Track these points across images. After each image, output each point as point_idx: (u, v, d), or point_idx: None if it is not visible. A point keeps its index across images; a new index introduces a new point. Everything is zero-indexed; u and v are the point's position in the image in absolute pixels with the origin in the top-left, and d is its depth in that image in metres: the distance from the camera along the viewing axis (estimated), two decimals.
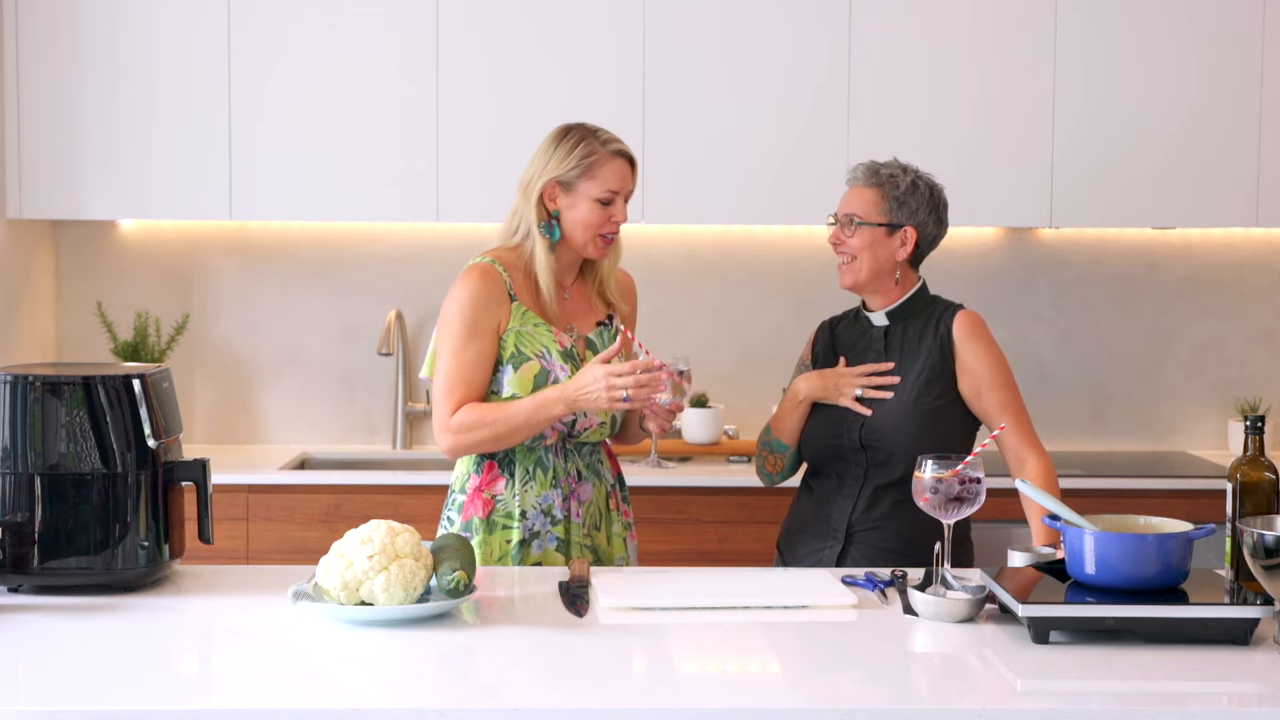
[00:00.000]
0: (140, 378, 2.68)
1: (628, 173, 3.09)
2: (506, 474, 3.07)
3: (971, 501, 2.60)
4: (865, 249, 3.18)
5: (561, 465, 3.07)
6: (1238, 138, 4.49)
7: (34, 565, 2.62)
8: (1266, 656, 2.33)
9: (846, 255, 3.20)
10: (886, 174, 3.21)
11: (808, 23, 4.47)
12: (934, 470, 2.60)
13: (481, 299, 3.02)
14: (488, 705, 2.12)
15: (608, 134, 3.10)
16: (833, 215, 3.25)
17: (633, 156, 3.10)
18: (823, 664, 2.35)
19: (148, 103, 4.46)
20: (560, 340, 3.07)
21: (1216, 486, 4.08)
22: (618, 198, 3.07)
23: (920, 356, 3.18)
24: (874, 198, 3.20)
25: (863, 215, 3.19)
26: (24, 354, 4.54)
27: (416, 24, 4.45)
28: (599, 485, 3.13)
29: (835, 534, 3.14)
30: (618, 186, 3.07)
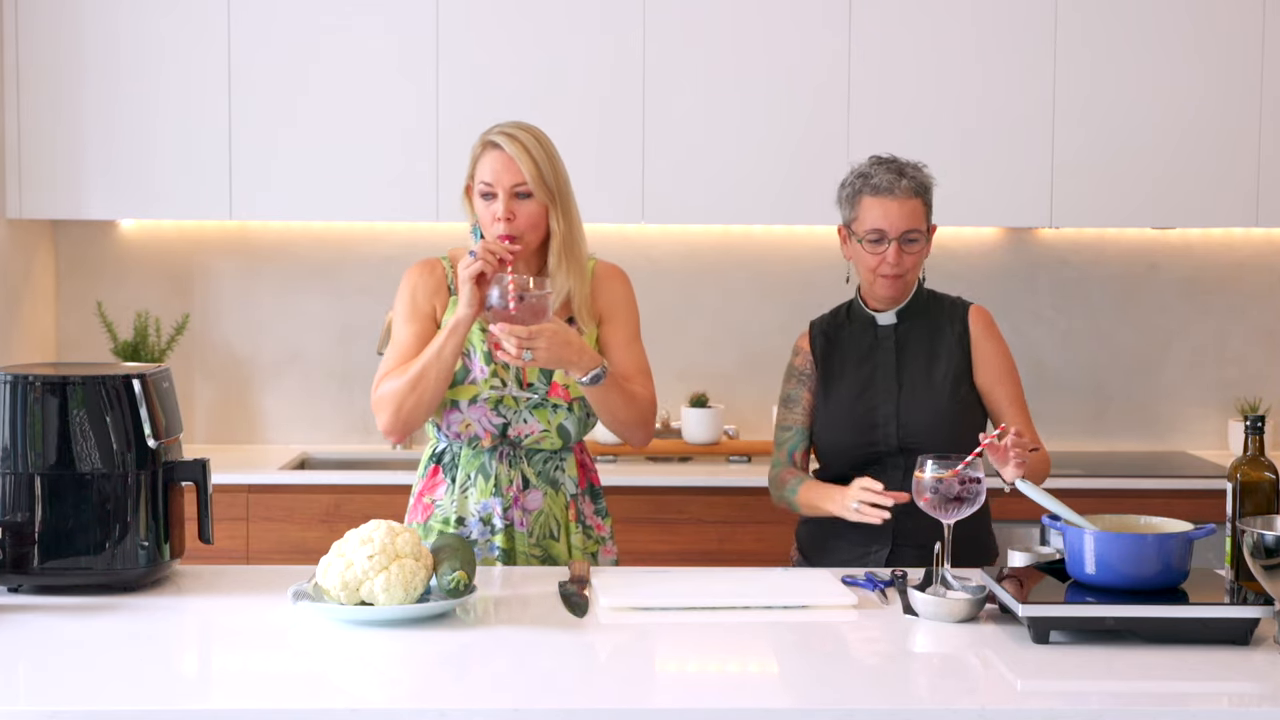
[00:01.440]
0: (140, 378, 2.68)
1: (502, 163, 2.89)
2: (448, 478, 3.00)
3: (971, 501, 2.60)
4: (919, 265, 3.12)
5: (505, 472, 2.97)
6: (1238, 138, 4.49)
7: (34, 565, 2.62)
8: (1266, 656, 2.33)
9: (902, 271, 3.07)
10: (921, 181, 3.10)
11: (808, 23, 4.47)
12: (934, 470, 2.60)
13: (418, 285, 2.99)
14: (488, 705, 2.12)
15: (501, 127, 2.93)
16: (872, 234, 3.06)
17: (508, 147, 2.88)
18: (823, 664, 2.35)
19: (148, 103, 4.46)
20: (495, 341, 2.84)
21: (1216, 486, 4.08)
22: (497, 190, 2.89)
23: (943, 355, 3.12)
24: (920, 208, 3.08)
25: (921, 229, 3.07)
26: (24, 354, 4.54)
27: (417, 24, 4.45)
28: (554, 495, 2.99)
29: (881, 538, 3.05)
30: (490, 178, 2.90)
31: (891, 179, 3.08)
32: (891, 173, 3.09)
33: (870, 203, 3.08)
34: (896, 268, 3.06)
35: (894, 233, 3.05)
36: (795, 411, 3.20)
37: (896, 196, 3.06)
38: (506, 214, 2.89)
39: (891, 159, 3.14)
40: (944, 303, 3.20)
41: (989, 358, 3.14)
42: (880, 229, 3.05)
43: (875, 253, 3.07)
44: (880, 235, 3.06)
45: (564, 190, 2.95)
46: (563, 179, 2.95)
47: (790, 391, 3.22)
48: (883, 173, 3.10)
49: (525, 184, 2.89)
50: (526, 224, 2.91)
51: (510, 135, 2.91)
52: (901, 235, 3.05)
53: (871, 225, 3.07)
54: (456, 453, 3.01)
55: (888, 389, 3.11)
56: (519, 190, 2.90)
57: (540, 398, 2.96)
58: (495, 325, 2.77)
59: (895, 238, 3.05)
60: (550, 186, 2.92)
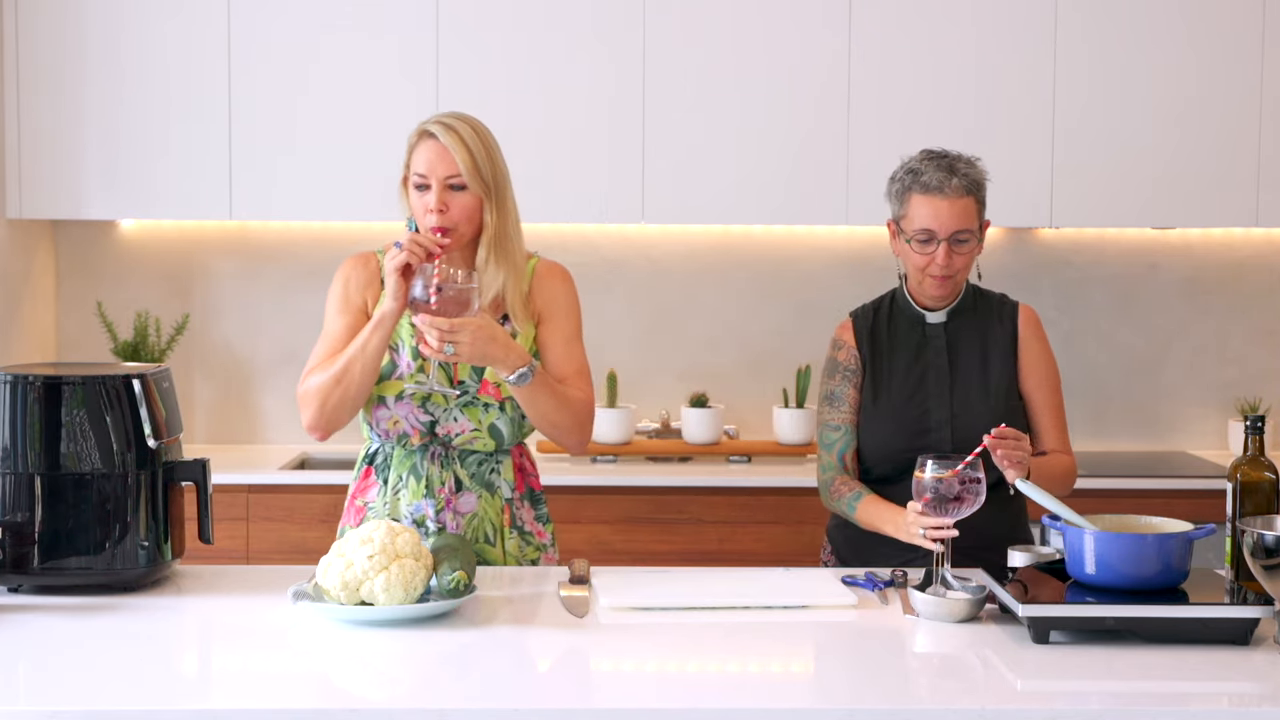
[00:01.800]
0: (140, 378, 2.68)
1: (435, 154, 2.82)
2: (380, 480, 2.95)
3: (972, 502, 2.59)
4: (970, 265, 3.03)
5: (437, 473, 2.90)
6: (1238, 138, 4.49)
7: (34, 565, 2.62)
8: (1266, 656, 2.33)
9: (953, 271, 2.98)
10: (974, 178, 2.99)
11: (808, 23, 4.47)
12: (934, 470, 2.59)
13: (351, 277, 2.93)
14: (488, 705, 2.12)
15: (438, 117, 2.87)
16: (920, 234, 2.97)
17: (443, 137, 2.82)
18: (823, 664, 2.35)
19: (148, 103, 4.46)
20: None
21: (1216, 486, 4.08)
22: (430, 181, 2.83)
23: (995, 356, 3.05)
24: (972, 206, 2.99)
25: (973, 229, 2.98)
26: (24, 354, 4.54)
27: (417, 24, 4.45)
28: (489, 498, 2.92)
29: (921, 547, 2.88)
30: (424, 169, 2.83)
31: (942, 177, 2.96)
32: (942, 170, 2.98)
33: (920, 201, 2.98)
34: (946, 269, 2.98)
35: (944, 233, 2.96)
36: (841, 410, 3.11)
37: (947, 195, 2.96)
38: (439, 205, 2.82)
39: (943, 154, 3.02)
40: (992, 300, 3.12)
41: (1034, 361, 3.08)
42: (929, 229, 2.97)
43: (924, 253, 2.99)
44: (929, 235, 2.97)
45: (500, 183, 2.88)
46: (500, 172, 2.88)
47: (835, 388, 3.12)
48: (933, 169, 2.98)
49: (459, 175, 2.82)
50: (460, 216, 2.84)
51: (446, 125, 2.84)
52: (951, 236, 2.96)
53: (920, 225, 2.98)
54: (389, 453, 2.95)
55: (940, 392, 3.04)
56: (452, 182, 2.83)
57: (471, 396, 2.88)
58: (417, 318, 2.70)
59: (945, 238, 2.96)
60: (485, 179, 2.85)
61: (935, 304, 3.09)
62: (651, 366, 4.84)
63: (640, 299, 4.83)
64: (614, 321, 4.82)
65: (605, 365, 4.72)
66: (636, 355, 4.82)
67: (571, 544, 4.23)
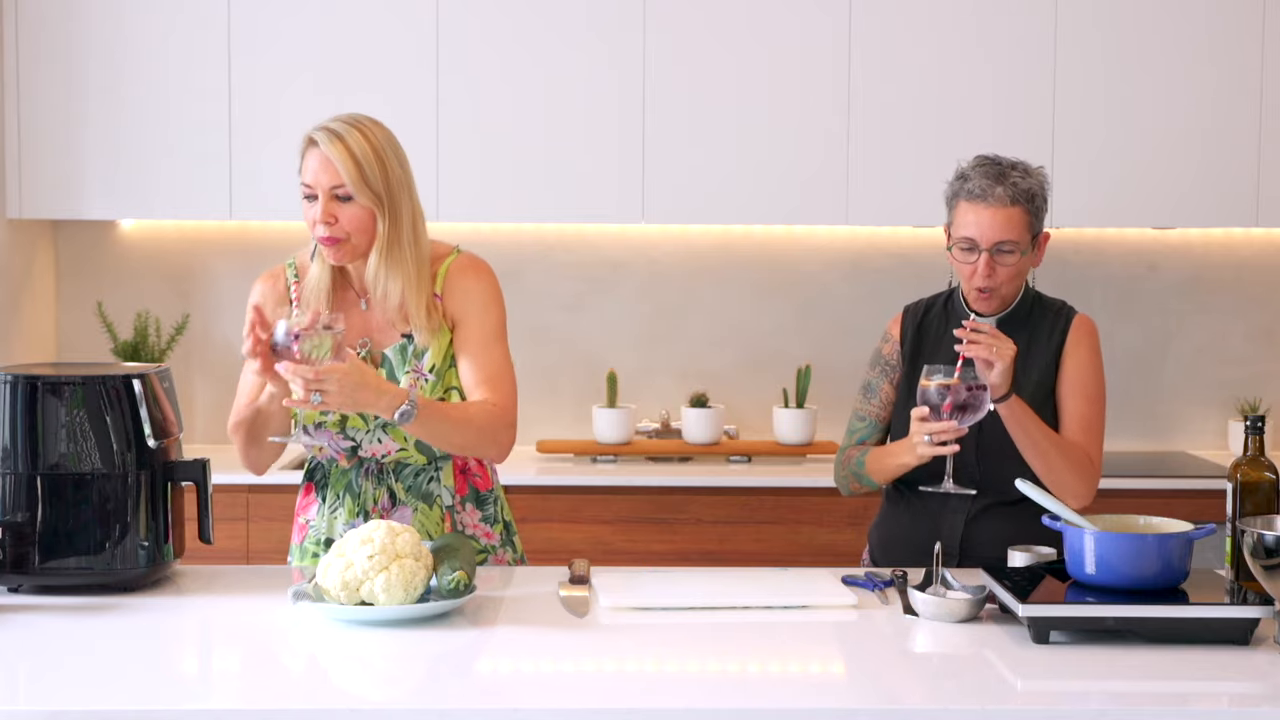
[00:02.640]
0: (140, 378, 2.68)
1: (319, 164, 2.70)
2: (319, 498, 2.91)
3: (977, 408, 2.63)
4: (1016, 276, 2.92)
5: (370, 489, 2.84)
6: (1238, 138, 4.49)
7: (34, 565, 2.62)
8: (1266, 656, 2.33)
9: (994, 284, 2.90)
10: (1025, 187, 2.90)
11: (808, 22, 4.47)
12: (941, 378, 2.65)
13: (262, 304, 2.81)
14: (488, 705, 2.12)
15: (323, 124, 2.73)
16: (963, 242, 2.90)
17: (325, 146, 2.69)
18: (823, 664, 2.35)
19: (148, 103, 4.46)
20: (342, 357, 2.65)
21: (1216, 486, 4.08)
22: (316, 192, 2.71)
23: (1037, 365, 2.98)
24: (1020, 216, 2.89)
25: (1017, 240, 2.88)
26: (24, 354, 4.54)
27: (417, 24, 4.45)
28: (426, 510, 2.84)
29: (949, 552, 2.95)
30: (309, 179, 2.71)
31: (987, 185, 2.90)
32: (988, 177, 2.91)
33: (964, 208, 2.93)
34: (988, 280, 2.91)
35: (985, 243, 2.90)
36: (872, 402, 3.09)
37: (990, 204, 2.89)
38: (326, 217, 2.70)
39: (994, 160, 2.97)
40: (1050, 309, 3.04)
41: (1072, 368, 2.98)
42: (970, 237, 2.90)
43: (966, 262, 2.93)
44: (971, 244, 2.91)
45: (394, 191, 2.73)
46: (393, 179, 2.73)
47: (871, 380, 3.11)
48: (979, 176, 2.92)
49: (343, 186, 2.69)
50: (351, 227, 2.71)
51: (331, 133, 2.70)
52: (993, 246, 2.89)
53: (963, 233, 2.92)
54: (327, 470, 2.90)
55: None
56: (338, 192, 2.70)
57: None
58: (280, 365, 2.55)
59: (986, 248, 2.90)
60: (375, 189, 2.71)
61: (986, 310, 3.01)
62: (651, 366, 4.84)
63: (640, 299, 4.83)
64: (614, 321, 4.83)
65: (605, 365, 4.73)
66: (636, 355, 4.82)
67: (571, 544, 4.24)
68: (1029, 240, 2.94)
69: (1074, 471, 2.92)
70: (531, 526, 3.99)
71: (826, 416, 4.74)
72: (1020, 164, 2.97)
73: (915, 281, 4.65)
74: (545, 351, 4.80)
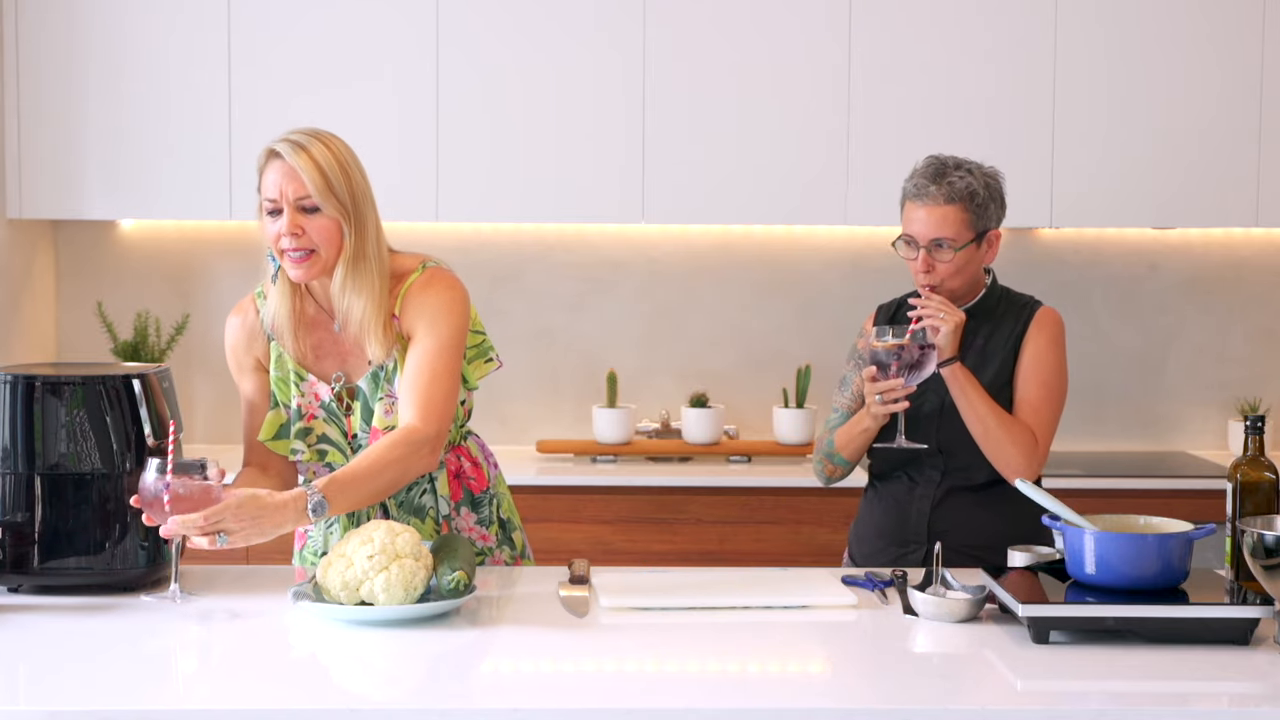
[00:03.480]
0: (140, 378, 2.68)
1: (283, 174, 2.63)
2: None
3: (923, 367, 2.83)
4: (957, 272, 3.03)
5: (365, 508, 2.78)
6: (1238, 138, 4.49)
7: (34, 565, 2.62)
8: (1266, 656, 2.33)
9: (934, 280, 3.01)
10: (963, 186, 3.01)
11: (808, 22, 4.47)
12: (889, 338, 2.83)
13: (234, 344, 2.84)
14: (488, 705, 2.12)
15: (285, 135, 2.68)
16: (904, 238, 3.04)
17: (289, 156, 2.63)
18: (823, 664, 2.35)
19: (148, 103, 4.46)
20: (316, 393, 2.73)
21: (1216, 486, 4.08)
22: (281, 205, 2.64)
23: (997, 357, 3.07)
24: (957, 214, 3.00)
25: (953, 237, 3.00)
26: (24, 354, 4.54)
27: (416, 24, 4.45)
28: (418, 524, 2.81)
29: (916, 538, 3.06)
30: (273, 193, 2.64)
31: (923, 183, 3.03)
32: (926, 177, 3.04)
33: (908, 206, 3.07)
34: (927, 276, 3.02)
35: (922, 240, 3.02)
36: (846, 395, 3.20)
37: (926, 203, 3.02)
38: (292, 229, 2.63)
39: (939, 160, 3.07)
40: (1015, 303, 3.14)
41: (1029, 356, 3.07)
42: (910, 234, 3.04)
43: (907, 257, 3.06)
44: (911, 240, 3.04)
45: (359, 203, 2.67)
46: (358, 190, 2.68)
47: (846, 374, 3.21)
48: (920, 176, 3.05)
49: (309, 196, 2.63)
50: (319, 239, 2.65)
51: (294, 144, 2.65)
52: (930, 243, 3.01)
53: (904, 230, 3.07)
54: None
55: (936, 387, 3.05)
56: (304, 204, 2.64)
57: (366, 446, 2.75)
58: (164, 527, 2.46)
59: (924, 245, 3.02)
60: (341, 199, 2.65)
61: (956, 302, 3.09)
62: (651, 366, 4.84)
63: (640, 299, 4.82)
64: (614, 321, 4.83)
65: (605, 365, 4.73)
66: (636, 355, 4.82)
67: (571, 544, 4.24)
68: (969, 237, 3.03)
69: (1014, 444, 2.99)
70: (531, 526, 3.98)
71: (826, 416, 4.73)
72: (967, 164, 3.07)
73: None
74: (545, 351, 4.80)
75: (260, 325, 2.82)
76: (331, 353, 2.80)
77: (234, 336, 2.86)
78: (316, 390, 2.79)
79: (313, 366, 2.80)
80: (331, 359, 2.80)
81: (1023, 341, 3.08)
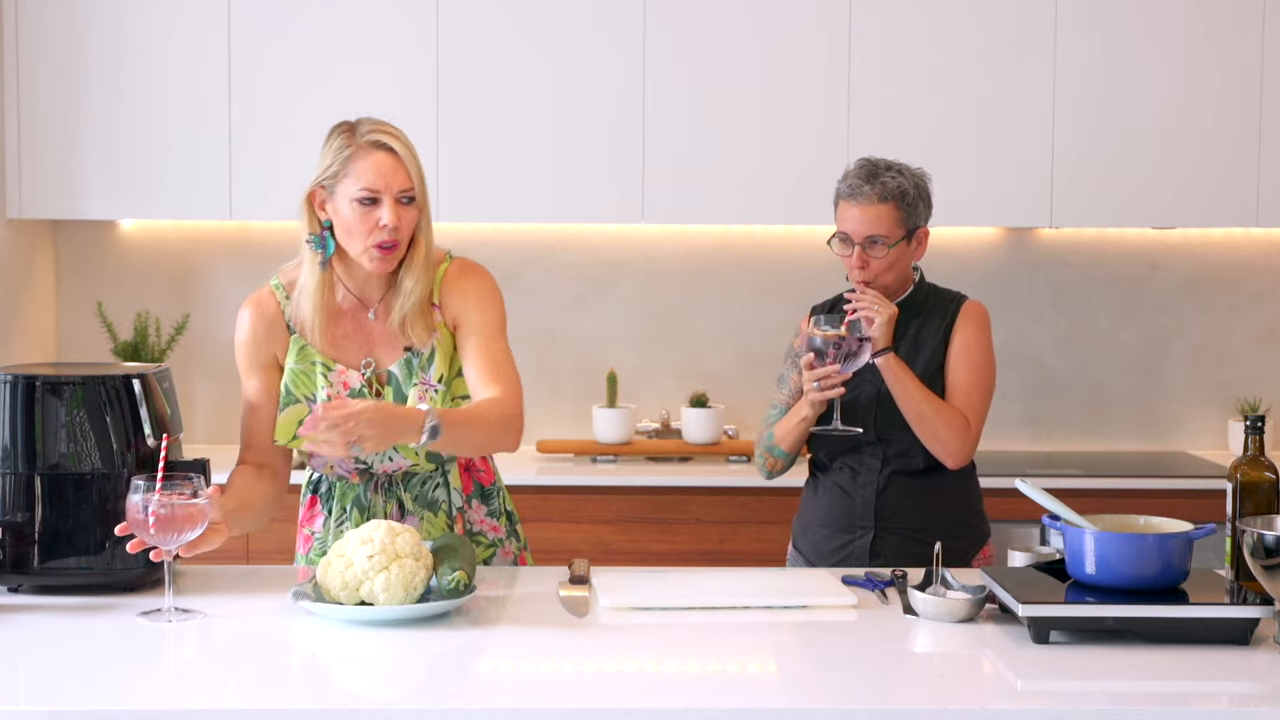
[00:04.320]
0: (140, 378, 2.68)
1: (390, 166, 2.67)
2: (325, 510, 2.90)
3: (858, 356, 2.98)
4: (890, 268, 3.15)
5: (380, 502, 2.83)
6: (1238, 138, 4.49)
7: (34, 565, 2.62)
8: (1266, 656, 2.33)
9: (869, 276, 3.14)
10: (894, 186, 3.14)
11: (808, 22, 4.47)
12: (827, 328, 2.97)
13: (250, 337, 2.79)
14: (488, 705, 2.12)
15: (373, 123, 2.72)
16: (840, 235, 3.17)
17: (398, 148, 2.69)
18: (823, 664, 2.35)
19: (148, 103, 4.46)
20: (345, 381, 2.75)
21: (1216, 486, 4.08)
22: (382, 195, 2.67)
23: (927, 348, 3.18)
24: (889, 213, 3.13)
25: (885, 234, 3.12)
26: (24, 354, 4.54)
27: (417, 24, 4.45)
28: (431, 518, 2.85)
29: (863, 524, 3.16)
30: (376, 183, 2.67)
31: (858, 184, 3.15)
32: (860, 177, 3.16)
33: (842, 205, 3.20)
34: (862, 271, 3.14)
35: (856, 237, 3.14)
36: (783, 391, 3.31)
37: (860, 202, 3.14)
38: (395, 219, 2.67)
39: (872, 162, 3.20)
40: (943, 298, 3.25)
41: (958, 345, 3.18)
42: (845, 232, 3.16)
43: (842, 254, 3.18)
44: (846, 238, 3.16)
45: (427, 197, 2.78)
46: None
47: (784, 372, 3.32)
48: (853, 176, 3.17)
49: (412, 189, 2.70)
50: (408, 231, 2.72)
51: (395, 136, 2.71)
52: (864, 240, 3.13)
53: (839, 228, 3.19)
54: (332, 484, 2.88)
55: (871, 379, 3.15)
56: (404, 196, 2.70)
57: None
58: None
59: (858, 242, 3.14)
60: (425, 191, 2.75)
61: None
62: (651, 366, 4.84)
63: (640, 299, 4.83)
64: (614, 321, 4.83)
65: (605, 365, 4.73)
66: (636, 355, 4.82)
67: (571, 544, 4.24)
68: (900, 234, 3.14)
69: (948, 428, 3.10)
70: (532, 526, 3.97)
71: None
72: (897, 165, 3.20)
73: None
74: (545, 352, 4.80)
75: (282, 316, 2.80)
76: (356, 341, 2.80)
77: (250, 329, 2.81)
78: (346, 378, 2.78)
79: (336, 357, 2.80)
80: (355, 347, 2.80)
81: (951, 332, 3.19)
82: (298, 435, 2.64)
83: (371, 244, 2.69)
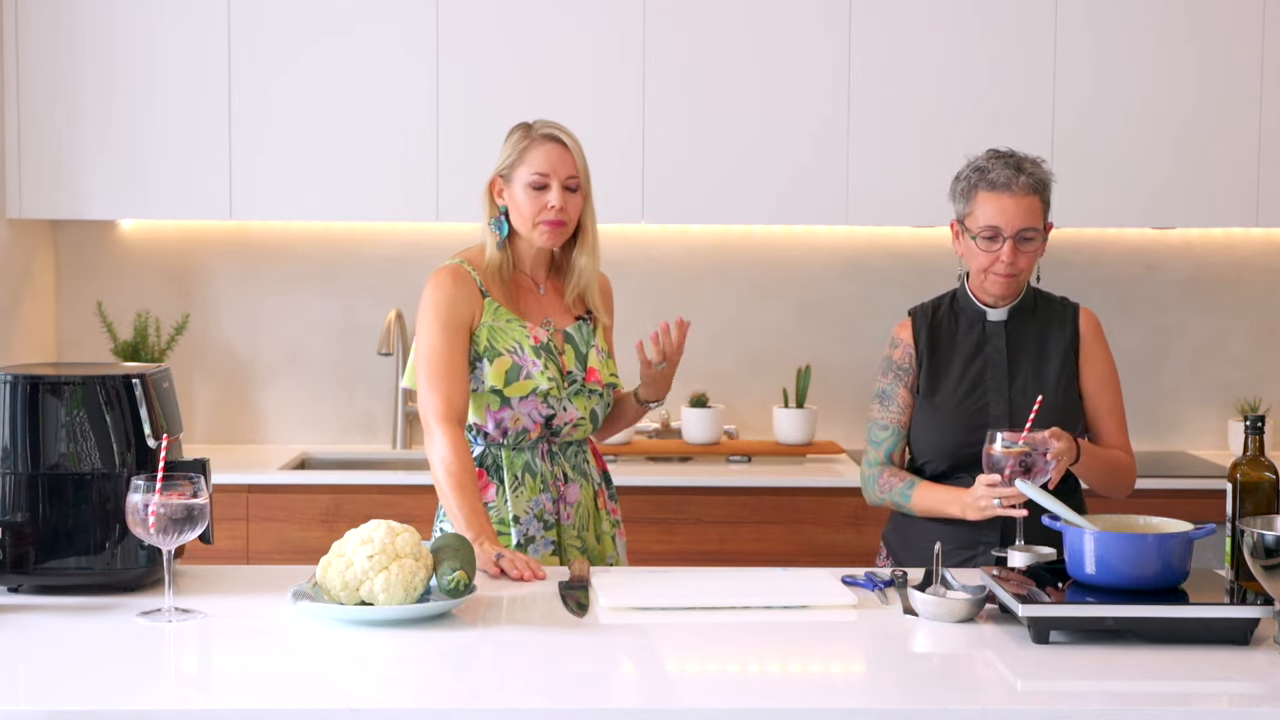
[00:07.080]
0: (140, 378, 2.68)
1: (558, 155, 3.06)
2: (496, 480, 3.08)
3: (1043, 470, 2.77)
4: (1033, 263, 3.07)
5: (549, 469, 3.09)
6: (1238, 138, 4.49)
7: (34, 565, 2.62)
8: (1266, 656, 2.33)
9: (1014, 271, 3.02)
10: (1041, 177, 3.04)
11: (808, 22, 4.47)
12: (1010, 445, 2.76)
13: (451, 295, 3.07)
14: (488, 705, 2.12)
15: (546, 122, 3.12)
16: (986, 230, 3.01)
17: (566, 141, 3.07)
18: (823, 664, 2.35)
19: (148, 102, 4.46)
20: (535, 335, 3.09)
21: (1216, 486, 4.08)
22: (551, 180, 3.05)
23: (1055, 356, 3.10)
24: (1038, 205, 3.03)
25: (1036, 228, 3.02)
26: (24, 354, 4.54)
27: (417, 24, 4.45)
28: (586, 486, 3.14)
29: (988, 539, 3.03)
30: (546, 169, 3.05)
31: (1009, 175, 3.01)
32: (1009, 168, 3.03)
33: (986, 198, 3.03)
34: (1011, 267, 3.02)
35: (1009, 230, 3.01)
36: (890, 409, 3.15)
37: (1014, 193, 3.01)
38: (562, 201, 3.04)
39: (1010, 153, 3.07)
40: (1053, 303, 3.17)
41: (1096, 363, 3.13)
42: (995, 226, 3.01)
43: (989, 250, 3.04)
44: (995, 232, 3.02)
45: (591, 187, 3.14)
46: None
47: (886, 387, 3.17)
48: (1000, 167, 3.03)
49: (577, 177, 3.06)
50: (573, 214, 3.08)
51: (564, 132, 3.09)
52: (1017, 233, 3.01)
53: (986, 222, 3.02)
54: (496, 454, 3.09)
55: (999, 387, 3.07)
56: (570, 183, 3.06)
57: (580, 384, 3.11)
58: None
59: (1010, 235, 3.01)
60: (589, 182, 3.11)
61: (997, 302, 3.12)
62: None
63: (640, 299, 4.82)
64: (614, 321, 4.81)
65: None
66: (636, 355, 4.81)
67: None
68: (1044, 228, 3.06)
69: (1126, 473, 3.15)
70: None
71: (826, 416, 4.74)
72: (1030, 156, 3.09)
73: (915, 281, 4.66)
74: None
75: (475, 282, 3.09)
76: (532, 310, 3.14)
77: (450, 290, 3.08)
78: (535, 334, 3.10)
79: (529, 316, 3.13)
80: (536, 316, 3.14)
81: (1079, 346, 3.12)
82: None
83: (541, 220, 3.05)
